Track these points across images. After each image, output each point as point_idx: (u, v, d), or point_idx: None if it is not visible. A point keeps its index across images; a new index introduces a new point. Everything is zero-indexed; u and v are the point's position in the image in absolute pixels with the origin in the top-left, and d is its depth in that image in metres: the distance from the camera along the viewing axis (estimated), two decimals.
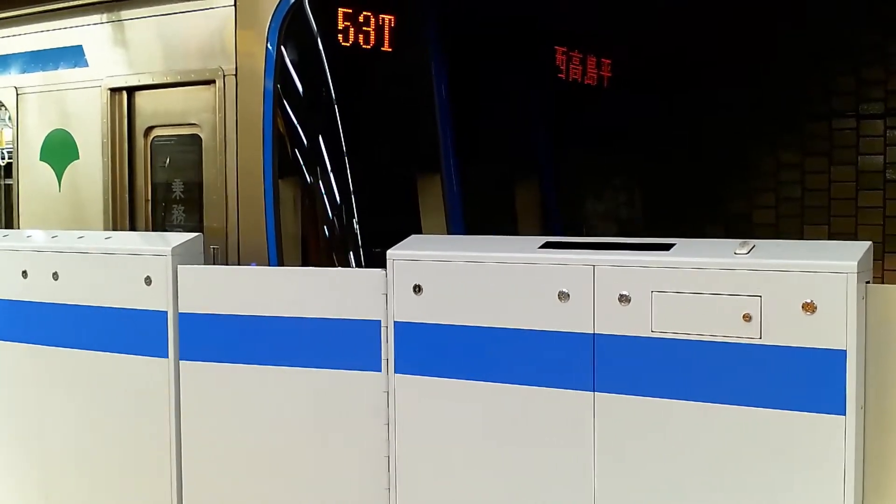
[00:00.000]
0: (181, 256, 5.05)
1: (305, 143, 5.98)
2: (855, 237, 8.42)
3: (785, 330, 3.62)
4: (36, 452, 5.57)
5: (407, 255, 4.42)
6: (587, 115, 7.91)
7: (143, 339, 5.09)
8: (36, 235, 5.85)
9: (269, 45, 5.89)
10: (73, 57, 6.94)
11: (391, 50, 6.04)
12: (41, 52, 7.17)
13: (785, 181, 9.17)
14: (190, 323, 4.96)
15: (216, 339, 4.89)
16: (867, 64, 8.85)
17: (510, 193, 7.26)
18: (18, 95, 7.29)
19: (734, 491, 3.75)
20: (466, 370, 4.27)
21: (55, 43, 7.07)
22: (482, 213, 6.59)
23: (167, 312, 5.01)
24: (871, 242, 3.75)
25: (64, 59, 7.00)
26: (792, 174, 9.14)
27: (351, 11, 5.87)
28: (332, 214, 5.94)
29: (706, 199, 9.06)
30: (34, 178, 7.20)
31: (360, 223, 5.91)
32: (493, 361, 4.21)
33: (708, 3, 8.26)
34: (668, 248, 3.94)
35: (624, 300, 3.92)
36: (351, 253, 5.93)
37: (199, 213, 6.36)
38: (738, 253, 3.75)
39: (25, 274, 5.50)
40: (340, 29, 5.86)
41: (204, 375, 4.94)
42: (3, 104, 7.44)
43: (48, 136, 7.11)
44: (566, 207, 7.59)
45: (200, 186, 6.34)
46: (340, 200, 5.91)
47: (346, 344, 4.57)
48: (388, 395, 4.47)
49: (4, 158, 8.90)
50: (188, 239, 5.16)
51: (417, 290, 4.37)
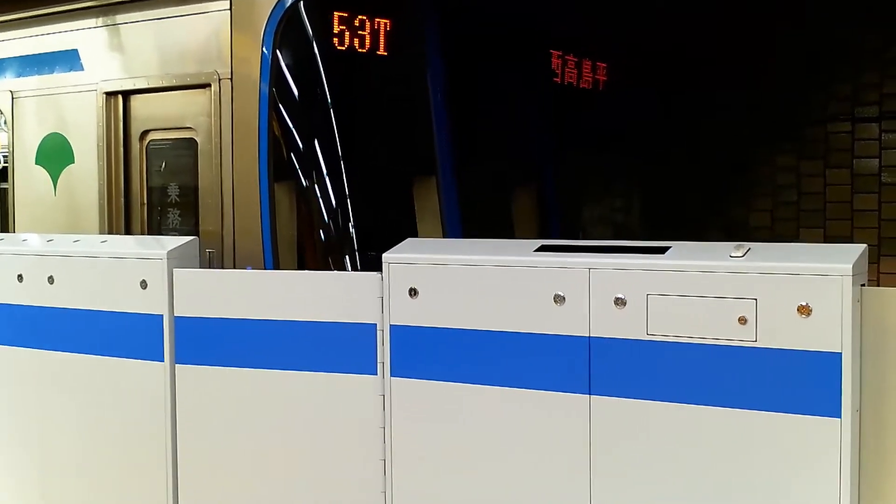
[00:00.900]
0: (177, 260, 5.05)
1: (301, 146, 5.98)
2: (850, 240, 8.42)
3: (780, 333, 3.62)
4: (33, 455, 5.56)
5: (403, 258, 4.42)
6: (585, 116, 7.91)
7: (138, 342, 5.09)
8: (31, 239, 5.84)
9: (264, 48, 5.89)
10: (68, 61, 6.93)
11: (387, 54, 6.04)
12: (37, 56, 7.16)
13: (781, 184, 9.18)
14: (186, 326, 4.96)
15: (212, 342, 4.89)
16: (863, 67, 8.86)
17: (507, 197, 7.26)
18: (14, 99, 7.28)
19: (730, 493, 3.76)
20: (462, 373, 4.27)
21: (51, 47, 7.07)
22: (479, 216, 6.58)
23: (163, 316, 5.00)
24: (866, 245, 3.75)
25: (59, 63, 7.00)
26: (788, 177, 9.14)
27: (346, 15, 5.86)
28: (327, 218, 5.94)
29: (702, 202, 9.05)
30: (30, 182, 7.19)
31: (355, 227, 5.91)
32: (488, 365, 4.21)
33: (705, 5, 8.27)
34: (663, 251, 3.94)
35: (619, 303, 3.92)
36: (347, 256, 5.92)
37: (194, 216, 6.36)
38: (733, 256, 3.75)
39: (21, 278, 5.50)
40: (336, 33, 5.85)
41: (200, 379, 4.94)
42: None
43: (44, 139, 7.10)
44: (564, 210, 7.59)
45: (196, 190, 6.33)
46: (336, 204, 5.91)
47: (341, 347, 4.57)
48: (383, 398, 4.47)
49: (0, 162, 8.89)
50: (184, 243, 5.16)
51: (413, 293, 4.37)
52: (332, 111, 5.94)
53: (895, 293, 3.57)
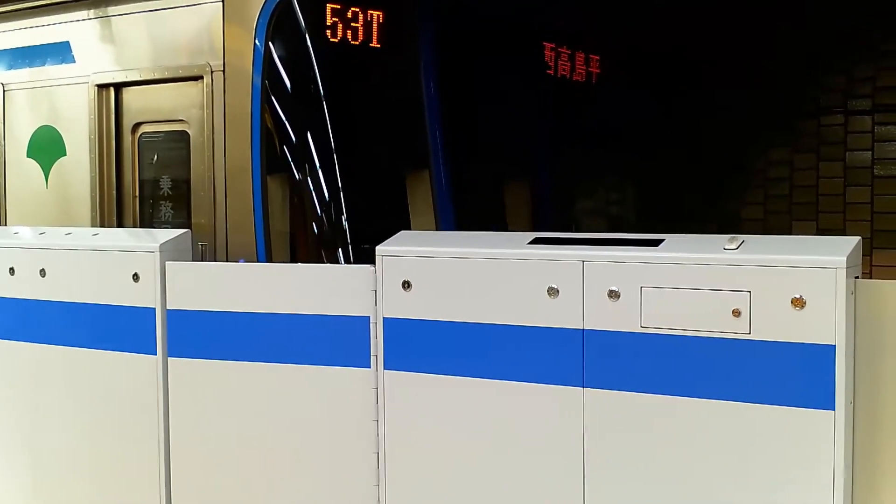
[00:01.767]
0: (169, 253, 5.04)
1: (293, 139, 5.97)
2: (843, 233, 8.44)
3: (774, 325, 3.62)
4: (24, 448, 5.55)
5: (396, 251, 4.41)
6: (580, 112, 7.90)
7: (131, 335, 5.07)
8: (23, 232, 5.82)
9: (256, 41, 5.87)
10: (60, 53, 6.91)
11: (380, 46, 6.03)
12: (28, 48, 7.14)
13: (773, 177, 9.19)
14: (178, 319, 4.94)
15: (204, 335, 4.88)
16: (856, 60, 8.87)
17: (501, 190, 7.26)
18: (5, 92, 7.26)
19: (724, 486, 3.76)
20: (456, 366, 4.27)
21: (42, 39, 7.04)
22: (472, 209, 6.58)
23: (155, 309, 4.99)
24: (860, 238, 3.75)
25: (51, 55, 6.97)
26: (780, 170, 9.15)
27: (339, 7, 5.85)
28: (320, 211, 5.93)
29: (695, 195, 9.06)
30: (21, 174, 7.17)
31: (348, 219, 5.90)
32: (482, 357, 4.21)
33: (698, 1, 8.27)
34: (657, 243, 3.93)
35: (613, 296, 3.91)
36: (340, 249, 5.91)
37: (187, 209, 6.35)
38: (727, 248, 3.75)
39: (13, 271, 5.48)
40: (328, 25, 5.84)
41: (192, 372, 4.93)
42: None
43: (35, 132, 7.08)
44: (558, 205, 7.59)
45: (188, 183, 6.32)
46: (329, 197, 5.90)
47: (335, 340, 4.56)
48: (377, 391, 4.46)
49: None
50: (176, 235, 5.14)
51: (406, 286, 4.36)
52: (325, 104, 5.93)
53: (889, 286, 3.57)
